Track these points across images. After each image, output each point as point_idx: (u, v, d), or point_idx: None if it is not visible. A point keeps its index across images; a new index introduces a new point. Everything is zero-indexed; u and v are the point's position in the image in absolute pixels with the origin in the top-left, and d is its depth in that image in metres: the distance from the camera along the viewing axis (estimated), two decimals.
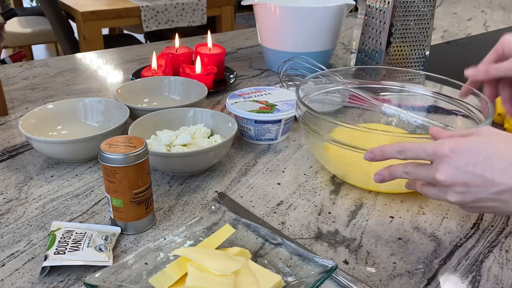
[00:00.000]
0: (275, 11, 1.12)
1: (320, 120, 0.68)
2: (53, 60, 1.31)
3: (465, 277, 0.56)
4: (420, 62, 1.10)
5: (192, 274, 0.48)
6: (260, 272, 0.51)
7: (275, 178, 0.76)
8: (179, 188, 0.73)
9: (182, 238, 0.57)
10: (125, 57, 1.34)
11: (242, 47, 1.45)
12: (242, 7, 3.50)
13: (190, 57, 1.14)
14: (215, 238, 0.55)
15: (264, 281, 0.50)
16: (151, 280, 0.51)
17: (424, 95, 0.83)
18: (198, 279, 0.48)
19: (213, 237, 0.55)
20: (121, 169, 0.57)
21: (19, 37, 2.93)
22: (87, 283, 0.49)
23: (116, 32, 3.54)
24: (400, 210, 0.68)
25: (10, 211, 0.67)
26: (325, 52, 1.19)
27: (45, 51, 4.23)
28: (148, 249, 0.55)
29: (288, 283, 0.51)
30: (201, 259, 0.50)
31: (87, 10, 2.38)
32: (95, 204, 0.68)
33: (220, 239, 0.55)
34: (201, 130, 0.80)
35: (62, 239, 0.57)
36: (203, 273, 0.49)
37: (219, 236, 0.56)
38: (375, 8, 1.07)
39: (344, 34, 1.62)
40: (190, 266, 0.49)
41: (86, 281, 0.49)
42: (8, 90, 1.08)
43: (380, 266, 0.57)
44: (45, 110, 0.84)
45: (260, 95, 0.90)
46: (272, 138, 0.85)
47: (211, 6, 2.77)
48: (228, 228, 0.57)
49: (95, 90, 1.09)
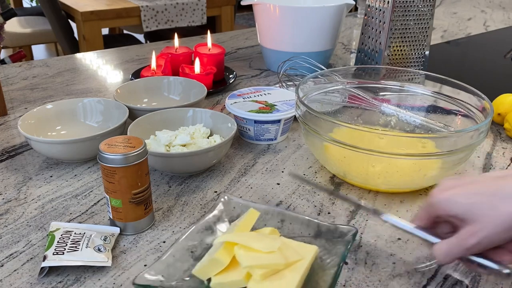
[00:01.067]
0: (275, 11, 1.12)
1: (320, 120, 0.68)
2: (52, 60, 1.31)
3: (465, 277, 0.56)
4: (419, 62, 1.10)
5: (244, 256, 0.51)
6: (296, 245, 0.55)
7: (275, 178, 0.76)
8: (178, 188, 0.72)
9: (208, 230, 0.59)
10: (125, 57, 1.34)
11: (241, 47, 1.45)
12: (242, 7, 3.50)
13: (189, 57, 1.14)
14: (246, 223, 0.57)
15: (305, 253, 0.53)
16: (195, 272, 0.52)
17: (424, 95, 0.83)
18: (253, 258, 0.50)
19: (243, 223, 0.57)
20: (120, 169, 0.57)
21: (19, 37, 2.93)
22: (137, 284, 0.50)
23: (116, 32, 3.54)
24: (399, 210, 0.68)
25: (9, 211, 0.67)
26: (325, 52, 1.18)
27: (45, 51, 4.23)
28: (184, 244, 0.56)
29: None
30: (247, 241, 0.52)
31: (87, 10, 2.38)
32: (94, 204, 0.68)
33: (249, 223, 0.57)
34: (200, 130, 0.79)
35: (61, 240, 0.57)
36: (252, 253, 0.51)
37: (248, 221, 0.57)
38: (374, 8, 1.07)
39: (343, 34, 1.62)
40: (238, 249, 0.51)
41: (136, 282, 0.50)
42: (7, 90, 1.08)
43: (380, 266, 0.57)
44: (44, 110, 0.84)
45: (260, 95, 0.90)
46: (272, 138, 0.85)
47: (211, 6, 2.77)
48: (253, 212, 0.58)
49: (95, 90, 1.09)
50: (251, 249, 0.51)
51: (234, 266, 0.51)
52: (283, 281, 0.50)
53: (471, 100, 0.75)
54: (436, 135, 0.72)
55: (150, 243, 0.61)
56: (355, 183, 0.73)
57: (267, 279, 0.50)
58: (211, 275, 0.51)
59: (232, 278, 0.51)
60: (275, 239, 0.53)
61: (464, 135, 0.64)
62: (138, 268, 0.56)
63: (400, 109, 0.86)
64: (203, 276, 0.52)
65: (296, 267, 0.52)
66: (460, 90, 0.77)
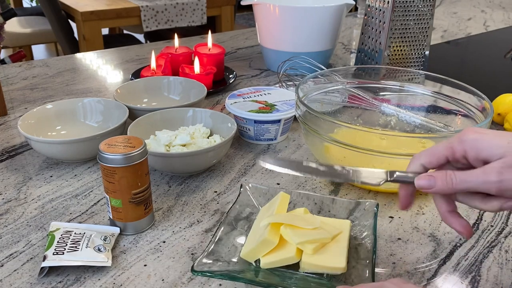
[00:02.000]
0: (275, 11, 1.12)
1: (320, 120, 0.68)
2: (52, 60, 1.31)
3: (464, 277, 0.56)
4: (419, 62, 1.10)
5: (293, 234, 0.53)
6: (332, 221, 0.59)
7: (275, 178, 0.76)
8: (178, 188, 0.72)
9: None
10: (125, 57, 1.34)
11: (241, 47, 1.45)
12: (242, 7, 3.50)
13: (189, 57, 1.14)
14: (281, 206, 0.59)
15: (341, 227, 0.58)
16: (244, 255, 0.55)
17: (424, 95, 0.83)
18: (302, 235, 0.53)
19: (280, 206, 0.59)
20: (120, 169, 0.57)
21: (19, 37, 2.93)
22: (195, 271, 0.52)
23: (116, 32, 3.53)
24: (399, 210, 0.68)
25: (9, 211, 0.67)
26: (325, 52, 1.18)
27: (45, 51, 4.23)
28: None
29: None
30: (292, 220, 0.55)
31: (87, 10, 2.38)
32: (94, 204, 0.68)
33: (284, 205, 0.60)
34: (200, 130, 0.79)
35: (61, 240, 0.57)
36: (299, 230, 0.54)
37: (283, 203, 0.60)
38: (374, 8, 1.07)
39: (343, 34, 1.62)
40: (285, 229, 0.54)
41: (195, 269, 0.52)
42: (7, 90, 1.08)
43: (380, 266, 0.57)
44: (44, 110, 0.84)
45: (260, 95, 0.90)
46: (272, 138, 0.85)
47: (211, 6, 2.76)
48: (284, 195, 0.61)
49: (95, 90, 1.09)
50: (297, 227, 0.54)
51: (280, 245, 0.54)
52: (332, 253, 0.54)
53: (471, 100, 0.75)
54: (436, 135, 0.72)
55: (150, 243, 0.61)
56: (355, 183, 0.73)
57: (317, 252, 0.53)
58: (260, 256, 0.54)
59: (283, 256, 0.53)
60: (313, 217, 0.58)
61: None
62: (138, 268, 0.56)
63: (400, 109, 0.86)
64: (252, 258, 0.55)
65: (339, 239, 0.56)
66: (460, 90, 0.77)
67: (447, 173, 0.47)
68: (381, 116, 0.86)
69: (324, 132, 0.68)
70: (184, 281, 0.55)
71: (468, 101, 0.76)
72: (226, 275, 0.52)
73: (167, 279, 0.55)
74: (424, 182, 0.49)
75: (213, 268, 0.53)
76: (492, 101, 0.81)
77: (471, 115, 0.74)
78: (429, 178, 0.48)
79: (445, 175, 0.47)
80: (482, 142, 0.46)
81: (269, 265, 0.54)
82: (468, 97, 0.75)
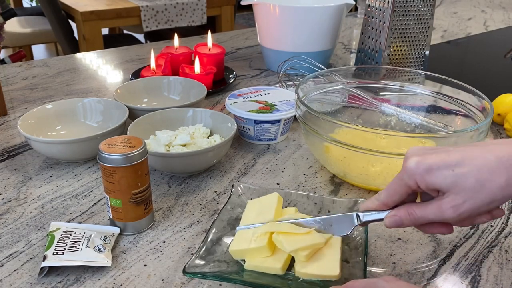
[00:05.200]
0: (275, 11, 1.12)
1: (320, 120, 0.68)
2: (52, 60, 1.31)
3: (464, 277, 0.56)
4: (419, 62, 1.10)
5: (285, 241, 0.52)
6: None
7: (275, 178, 0.76)
8: (178, 188, 0.72)
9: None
10: (125, 57, 1.34)
11: (241, 47, 1.45)
12: (242, 7, 3.50)
13: (189, 57, 1.14)
14: (277, 209, 0.59)
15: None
16: (232, 251, 0.54)
17: (424, 95, 0.83)
18: (294, 242, 0.52)
19: (276, 210, 0.59)
20: (120, 169, 0.57)
21: (19, 37, 2.93)
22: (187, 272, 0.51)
23: (116, 32, 3.53)
24: None
25: (9, 211, 0.67)
26: (325, 52, 1.18)
27: (45, 51, 4.23)
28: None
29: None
30: (284, 228, 0.54)
31: (87, 10, 2.38)
32: (94, 204, 0.68)
33: (279, 207, 0.60)
34: (200, 130, 0.79)
35: (61, 240, 0.57)
36: (292, 236, 0.53)
37: (278, 206, 0.60)
38: (374, 8, 1.07)
39: (343, 34, 1.62)
40: (277, 236, 0.53)
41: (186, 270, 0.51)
42: (7, 90, 1.08)
43: (380, 266, 0.57)
44: (44, 110, 0.84)
45: (260, 95, 0.90)
46: (272, 138, 0.85)
47: (211, 6, 2.76)
48: (280, 198, 0.61)
49: (95, 90, 1.09)
50: (290, 233, 0.53)
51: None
52: (326, 259, 0.52)
53: (471, 100, 0.75)
54: (436, 135, 0.72)
55: (150, 243, 0.61)
56: (355, 183, 0.73)
57: (310, 259, 0.52)
58: (248, 258, 0.54)
59: (269, 265, 0.52)
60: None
61: (464, 135, 0.64)
62: (138, 268, 0.56)
63: (400, 109, 0.86)
64: (239, 257, 0.54)
65: (331, 244, 0.54)
66: (460, 90, 0.77)
67: (408, 211, 0.49)
68: (381, 116, 0.86)
69: (324, 132, 0.68)
70: (184, 281, 0.55)
71: (468, 101, 0.75)
72: (218, 276, 0.52)
73: (167, 279, 0.55)
74: (392, 222, 0.50)
75: (204, 270, 0.52)
76: (492, 101, 0.81)
77: (471, 115, 0.74)
78: (395, 219, 0.50)
79: (407, 213, 0.49)
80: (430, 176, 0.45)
81: (253, 267, 0.53)
82: (468, 97, 0.75)
